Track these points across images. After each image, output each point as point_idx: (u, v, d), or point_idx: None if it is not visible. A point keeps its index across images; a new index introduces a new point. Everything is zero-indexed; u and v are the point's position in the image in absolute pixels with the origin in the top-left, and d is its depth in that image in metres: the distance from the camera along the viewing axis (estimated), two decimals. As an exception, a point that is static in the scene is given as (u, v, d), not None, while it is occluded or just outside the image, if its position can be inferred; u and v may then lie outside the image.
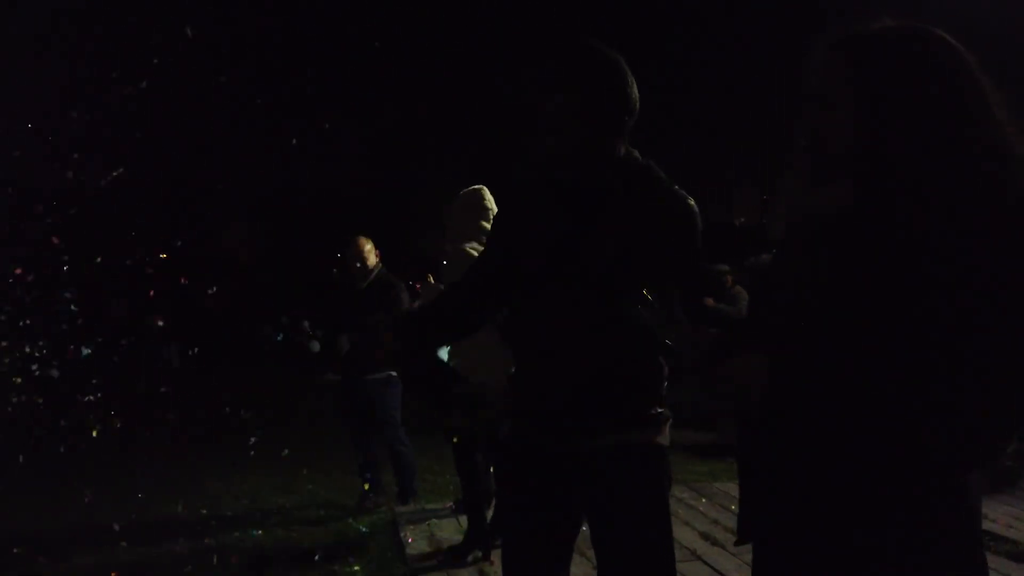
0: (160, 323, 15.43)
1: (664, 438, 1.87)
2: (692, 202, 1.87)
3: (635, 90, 1.86)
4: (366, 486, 5.03)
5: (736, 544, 1.51)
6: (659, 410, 1.86)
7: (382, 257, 5.01)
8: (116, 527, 4.84)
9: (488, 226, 3.43)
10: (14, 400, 9.26)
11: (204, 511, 5.12)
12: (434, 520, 4.68)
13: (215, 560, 4.19)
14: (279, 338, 20.14)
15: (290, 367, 15.35)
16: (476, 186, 3.68)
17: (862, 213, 1.28)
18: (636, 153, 1.91)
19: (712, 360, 1.26)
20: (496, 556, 3.86)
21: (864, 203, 1.29)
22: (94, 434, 7.36)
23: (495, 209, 3.54)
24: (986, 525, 4.15)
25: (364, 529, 4.65)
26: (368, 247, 4.91)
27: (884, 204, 1.26)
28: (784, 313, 1.35)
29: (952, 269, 1.16)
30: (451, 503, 4.90)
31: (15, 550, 4.43)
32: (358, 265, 4.87)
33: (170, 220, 26.11)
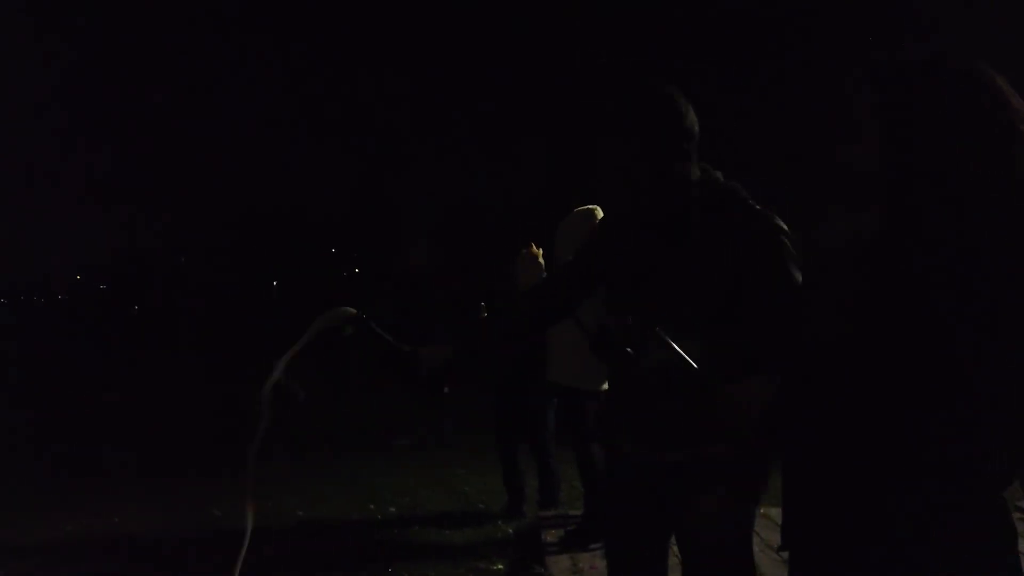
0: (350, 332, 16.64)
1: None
2: (779, 221, 1.88)
3: (691, 115, 1.90)
4: (511, 494, 5.29)
5: (779, 551, 1.61)
6: None
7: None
8: (300, 513, 5.49)
9: None
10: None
11: (372, 506, 5.65)
12: (574, 526, 4.85)
13: (377, 552, 4.64)
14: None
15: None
16: (589, 206, 3.78)
17: (890, 240, 1.37)
18: (717, 175, 1.97)
19: (720, 380, 1.38)
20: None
21: (892, 231, 1.37)
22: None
23: None
24: None
25: (510, 531, 4.93)
26: (539, 257, 5.02)
27: (912, 231, 1.33)
28: (820, 337, 1.44)
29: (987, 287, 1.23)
30: None
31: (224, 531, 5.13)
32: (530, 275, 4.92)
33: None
